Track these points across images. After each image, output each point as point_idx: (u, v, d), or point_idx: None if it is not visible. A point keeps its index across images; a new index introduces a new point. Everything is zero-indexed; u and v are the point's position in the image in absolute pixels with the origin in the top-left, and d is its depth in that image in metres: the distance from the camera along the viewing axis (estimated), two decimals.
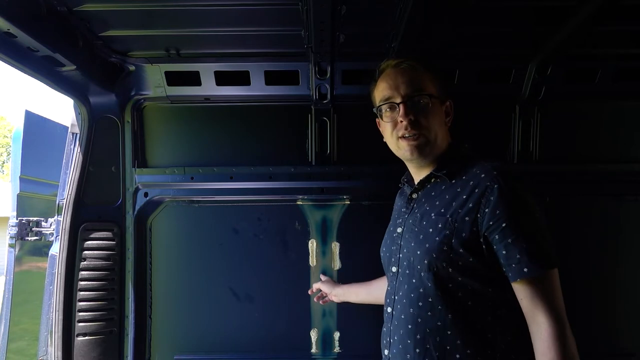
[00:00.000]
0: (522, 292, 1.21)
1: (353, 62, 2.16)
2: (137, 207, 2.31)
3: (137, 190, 2.32)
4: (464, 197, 1.28)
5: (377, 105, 1.51)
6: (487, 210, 1.22)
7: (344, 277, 2.37)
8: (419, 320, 1.32)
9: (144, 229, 2.36)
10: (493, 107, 2.34)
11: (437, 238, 1.30)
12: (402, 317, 1.38)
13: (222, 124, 2.36)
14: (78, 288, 2.17)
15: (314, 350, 2.38)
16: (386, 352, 1.46)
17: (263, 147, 2.35)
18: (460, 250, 1.25)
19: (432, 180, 1.44)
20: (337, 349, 2.38)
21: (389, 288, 1.50)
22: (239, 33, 1.93)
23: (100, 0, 1.67)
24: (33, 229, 2.72)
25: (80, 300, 2.17)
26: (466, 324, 1.26)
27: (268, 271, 2.39)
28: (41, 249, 2.86)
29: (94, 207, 2.25)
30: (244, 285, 2.39)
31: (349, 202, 2.39)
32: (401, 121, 1.41)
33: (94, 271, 2.20)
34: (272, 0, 1.67)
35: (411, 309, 1.35)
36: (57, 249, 2.20)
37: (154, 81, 2.23)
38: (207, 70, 2.18)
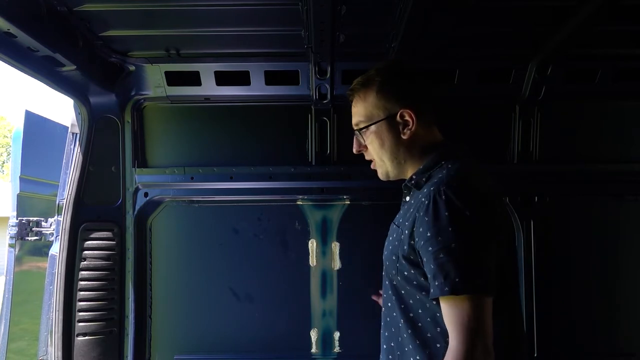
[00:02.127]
0: (442, 309, 1.18)
1: (353, 62, 2.16)
2: (137, 207, 2.31)
3: (137, 190, 2.32)
4: (412, 209, 1.29)
5: None
6: (416, 225, 1.22)
7: (344, 277, 2.38)
8: (388, 319, 1.39)
9: (144, 229, 2.36)
10: (493, 107, 2.34)
11: (391, 247, 1.36)
12: (387, 310, 1.44)
13: (222, 124, 2.36)
14: (78, 288, 2.17)
15: (314, 350, 2.38)
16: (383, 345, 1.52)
17: (263, 147, 2.35)
18: (404, 262, 1.27)
19: (409, 187, 1.43)
20: (337, 349, 2.38)
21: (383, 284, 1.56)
22: (239, 33, 1.93)
23: (100, 0, 1.67)
24: (33, 229, 2.72)
25: (80, 300, 2.17)
26: (416, 332, 1.27)
27: (268, 271, 2.39)
28: (41, 249, 2.86)
29: (94, 207, 2.25)
30: (244, 285, 2.39)
31: (349, 202, 2.39)
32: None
33: (94, 271, 2.20)
34: (272, 0, 1.67)
35: (384, 309, 1.43)
36: (57, 249, 2.20)
37: (154, 81, 2.23)
38: (207, 70, 2.18)
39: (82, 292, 2.18)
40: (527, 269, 2.30)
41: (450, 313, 1.14)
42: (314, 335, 2.39)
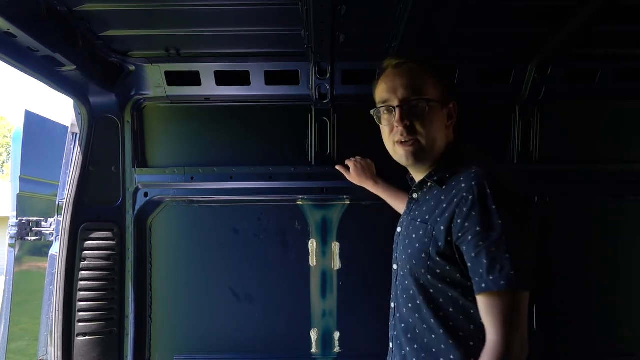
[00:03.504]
0: (480, 304, 1.19)
1: (353, 62, 2.16)
2: (137, 207, 2.31)
3: (137, 190, 2.32)
4: (444, 205, 1.27)
5: (377, 106, 1.49)
6: (459, 221, 1.20)
7: (344, 277, 2.38)
8: (410, 320, 1.35)
9: (144, 229, 2.36)
10: (493, 107, 2.34)
11: (417, 245, 1.32)
12: (398, 315, 1.41)
13: (222, 124, 2.36)
14: (78, 288, 2.17)
15: (314, 350, 2.38)
16: (390, 344, 1.50)
17: (263, 147, 2.35)
18: (437, 258, 1.25)
19: (428, 184, 1.43)
20: (337, 349, 2.38)
21: (391, 284, 1.53)
22: (239, 33, 1.93)
23: (100, 0, 1.67)
24: (33, 229, 2.72)
25: (80, 300, 2.17)
26: (449, 330, 1.26)
27: (268, 271, 2.39)
28: (41, 249, 2.86)
29: (94, 207, 2.25)
30: (244, 285, 2.39)
31: (349, 202, 2.39)
32: (397, 126, 1.38)
33: (94, 271, 2.20)
34: (272, 0, 1.67)
35: (404, 309, 1.38)
36: (57, 249, 2.20)
37: (154, 81, 2.23)
38: (207, 70, 2.18)
39: (82, 292, 2.17)
40: None
41: (495, 307, 1.14)
42: (314, 335, 2.39)
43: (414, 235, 1.36)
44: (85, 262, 2.19)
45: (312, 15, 1.63)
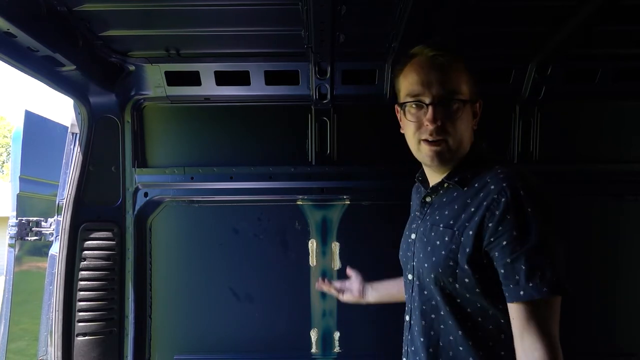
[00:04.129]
0: (515, 313, 1.13)
1: (353, 62, 2.16)
2: (137, 207, 2.31)
3: (137, 190, 2.32)
4: (472, 209, 1.19)
5: (402, 99, 1.34)
6: (490, 224, 1.13)
7: (344, 277, 2.37)
8: (432, 333, 1.27)
9: (144, 229, 2.36)
10: (493, 107, 2.33)
11: (443, 252, 1.22)
12: (417, 328, 1.32)
13: (222, 124, 2.36)
14: (78, 288, 2.17)
15: (314, 350, 2.38)
16: None
17: (263, 147, 2.35)
18: (465, 266, 1.17)
19: (445, 186, 1.33)
20: (337, 349, 2.38)
21: (406, 295, 1.43)
22: (239, 33, 1.93)
23: (100, 0, 1.67)
24: (33, 229, 2.72)
25: (80, 300, 2.17)
26: (477, 341, 1.19)
27: (268, 271, 2.39)
28: (41, 249, 2.86)
29: (94, 207, 2.25)
30: (244, 285, 2.39)
31: (349, 202, 2.39)
32: (427, 125, 1.26)
33: (94, 271, 2.20)
34: (272, 0, 1.67)
35: (424, 321, 1.29)
36: (57, 249, 2.20)
37: (154, 81, 2.23)
38: (207, 70, 2.18)
39: (82, 292, 2.17)
40: None
41: (536, 316, 1.09)
42: (314, 335, 2.39)
43: (437, 242, 1.25)
44: (85, 262, 2.19)
45: (312, 15, 1.63)
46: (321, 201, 2.39)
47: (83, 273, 2.19)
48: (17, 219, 2.71)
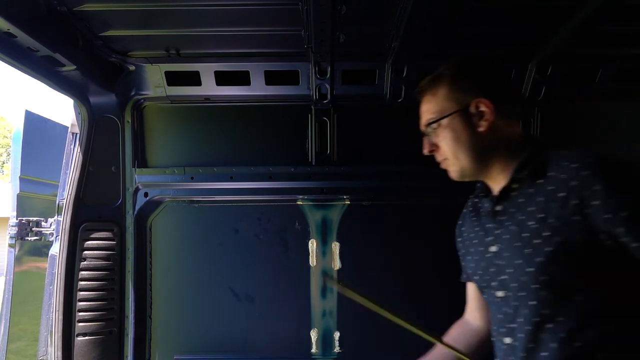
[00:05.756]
0: None
1: (353, 62, 2.16)
2: (137, 207, 2.31)
3: (137, 190, 2.32)
4: (563, 194, 1.10)
5: None
6: (596, 203, 1.05)
7: (344, 277, 2.37)
8: (553, 345, 1.13)
9: (144, 229, 2.36)
10: None
11: (549, 248, 1.11)
12: (530, 345, 1.17)
13: (222, 124, 2.36)
14: (78, 288, 2.17)
15: (314, 350, 2.38)
16: None
17: (263, 147, 2.35)
18: (581, 254, 1.08)
19: (516, 186, 1.24)
20: (337, 349, 2.38)
21: (499, 316, 1.27)
22: (239, 33, 1.93)
23: (100, 0, 1.67)
24: (33, 229, 2.72)
25: (80, 300, 2.17)
26: (608, 335, 1.10)
27: (268, 271, 2.39)
28: (41, 249, 2.86)
29: (94, 207, 2.25)
30: (244, 285, 2.39)
31: (349, 202, 2.38)
32: None
33: (94, 271, 2.20)
34: (272, 0, 1.67)
35: (540, 335, 1.15)
36: (57, 249, 2.20)
37: (154, 81, 2.23)
38: (207, 70, 2.18)
39: (82, 292, 2.17)
40: None
41: None
42: (314, 335, 2.39)
43: (536, 241, 1.14)
44: (85, 262, 2.19)
45: (312, 15, 1.63)
46: (321, 201, 2.39)
47: (83, 273, 2.18)
48: (17, 219, 2.70)
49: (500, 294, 1.25)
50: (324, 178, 2.32)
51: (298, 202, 2.39)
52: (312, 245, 2.40)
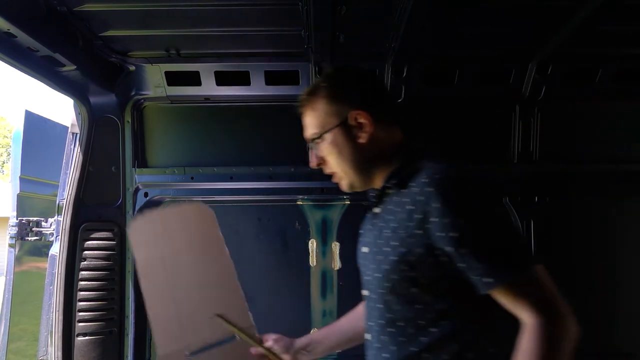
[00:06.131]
0: (500, 299, 1.09)
1: (353, 62, 2.16)
2: (137, 207, 2.31)
3: (137, 190, 2.31)
4: (412, 207, 1.14)
5: None
6: (434, 220, 1.08)
7: (344, 277, 2.37)
8: (393, 348, 1.19)
9: None
10: (493, 107, 2.34)
11: (394, 257, 1.16)
12: (377, 345, 1.24)
13: (222, 124, 2.36)
14: (78, 288, 2.17)
15: None
16: None
17: (263, 147, 2.35)
18: (420, 266, 1.12)
19: (387, 192, 1.28)
20: None
21: (365, 313, 1.34)
22: (239, 33, 1.93)
23: (100, 0, 1.67)
24: (33, 229, 2.72)
25: (80, 300, 2.17)
26: (443, 344, 1.13)
27: (268, 271, 2.39)
28: (41, 249, 2.86)
29: (94, 207, 2.25)
30: (243, 285, 2.38)
31: (349, 202, 2.39)
32: None
33: (94, 271, 2.20)
34: (272, 0, 1.67)
35: (382, 336, 1.22)
36: (57, 249, 2.20)
37: (154, 81, 2.23)
38: (207, 70, 2.18)
39: (82, 292, 2.17)
40: None
41: (513, 296, 1.08)
42: None
43: (386, 249, 1.20)
44: (85, 262, 2.19)
45: (312, 15, 1.63)
46: (321, 201, 2.39)
47: (83, 273, 2.19)
48: (17, 219, 2.70)
49: (365, 292, 1.32)
50: (324, 178, 2.30)
51: (298, 202, 2.39)
52: (312, 245, 2.40)
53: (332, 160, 1.31)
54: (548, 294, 1.08)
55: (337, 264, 2.39)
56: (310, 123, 1.34)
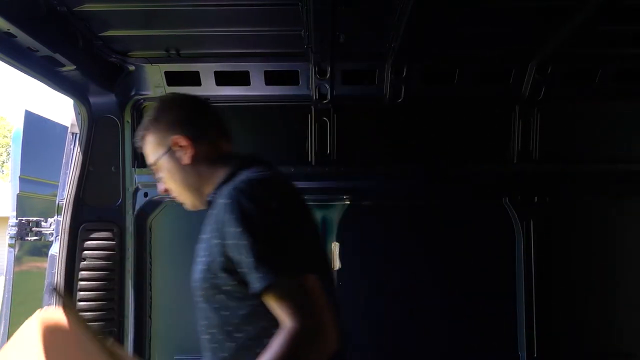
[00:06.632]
0: (268, 304, 1.12)
1: (353, 62, 2.16)
2: (137, 207, 2.31)
3: (137, 190, 2.31)
4: (215, 218, 1.23)
5: None
6: (228, 230, 1.16)
7: (344, 277, 2.37)
8: (207, 353, 1.31)
9: (144, 229, 2.36)
10: (493, 107, 2.34)
11: (203, 267, 1.25)
12: (205, 345, 1.33)
13: None
14: (78, 288, 2.17)
15: None
16: None
17: (263, 147, 2.34)
18: (221, 274, 1.19)
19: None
20: None
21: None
22: (239, 33, 1.93)
23: (100, 0, 1.67)
24: (33, 229, 2.72)
25: (80, 300, 2.17)
26: (248, 349, 1.18)
27: None
28: (41, 249, 2.85)
29: (94, 207, 2.25)
30: None
31: (349, 202, 2.38)
32: None
33: (94, 271, 2.20)
34: (272, 0, 1.67)
35: (204, 342, 1.32)
36: (57, 249, 2.20)
37: (154, 81, 2.23)
38: (207, 70, 2.18)
39: (82, 292, 2.17)
40: (527, 269, 2.30)
41: (275, 301, 1.12)
42: None
43: (198, 258, 1.31)
44: (85, 262, 2.19)
45: (312, 15, 1.63)
46: (321, 201, 2.38)
47: (83, 273, 2.19)
48: (17, 219, 2.70)
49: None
50: (324, 178, 2.32)
51: None
52: None
53: (170, 185, 1.43)
54: (309, 303, 1.09)
55: (337, 264, 2.39)
56: (147, 154, 1.44)
